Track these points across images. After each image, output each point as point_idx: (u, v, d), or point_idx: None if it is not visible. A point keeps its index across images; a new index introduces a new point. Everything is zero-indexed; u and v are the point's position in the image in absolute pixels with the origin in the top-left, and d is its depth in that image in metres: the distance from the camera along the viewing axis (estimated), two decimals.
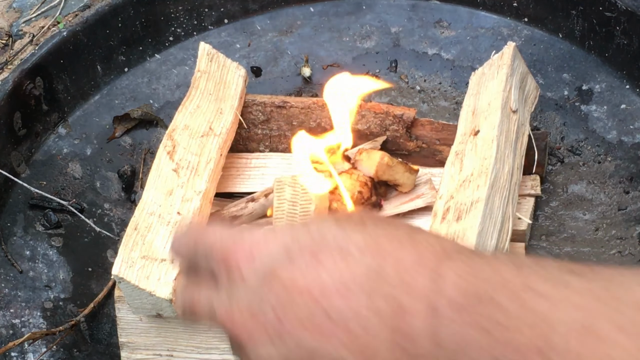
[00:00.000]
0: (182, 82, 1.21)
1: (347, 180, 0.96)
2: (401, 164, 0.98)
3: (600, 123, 1.14)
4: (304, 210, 0.93)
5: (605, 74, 1.16)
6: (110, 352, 0.99)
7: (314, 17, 1.27)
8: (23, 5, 1.22)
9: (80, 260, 1.07)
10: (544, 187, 1.07)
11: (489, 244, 0.87)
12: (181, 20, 1.24)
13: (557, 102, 1.17)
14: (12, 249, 1.05)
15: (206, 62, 1.09)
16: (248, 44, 1.26)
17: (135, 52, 1.22)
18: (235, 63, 1.11)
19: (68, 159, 1.15)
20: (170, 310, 0.87)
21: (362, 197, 0.96)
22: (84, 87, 1.19)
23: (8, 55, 1.14)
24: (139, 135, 1.19)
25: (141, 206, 0.93)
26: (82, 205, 1.11)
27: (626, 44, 1.14)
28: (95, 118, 1.19)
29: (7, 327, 0.99)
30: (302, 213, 0.93)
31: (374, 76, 1.23)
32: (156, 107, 1.20)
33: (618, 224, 1.05)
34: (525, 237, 1.01)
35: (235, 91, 1.08)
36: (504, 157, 0.94)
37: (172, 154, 0.98)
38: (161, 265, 0.88)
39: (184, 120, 1.02)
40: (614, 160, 1.11)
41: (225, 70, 1.10)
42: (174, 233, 0.62)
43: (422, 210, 1.00)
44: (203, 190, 0.96)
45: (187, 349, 0.93)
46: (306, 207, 0.93)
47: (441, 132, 1.06)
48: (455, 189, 0.93)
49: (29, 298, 1.02)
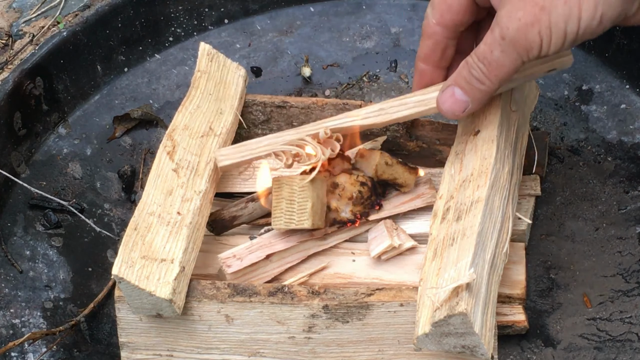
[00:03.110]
0: (182, 82, 1.21)
1: (346, 180, 0.96)
2: (400, 164, 0.98)
3: (600, 123, 1.14)
4: (301, 208, 0.93)
5: (605, 74, 1.16)
6: (110, 352, 0.99)
7: (314, 17, 1.27)
8: (23, 5, 1.22)
9: (80, 260, 1.07)
10: (544, 187, 1.07)
11: (489, 243, 0.87)
12: (181, 20, 1.24)
13: (557, 102, 1.17)
14: (12, 249, 1.05)
15: (206, 62, 1.09)
16: (248, 44, 1.26)
17: (135, 52, 1.22)
18: (235, 63, 1.11)
19: (68, 159, 1.15)
20: (170, 310, 0.87)
21: (361, 197, 0.97)
22: (84, 87, 1.19)
23: (8, 55, 1.14)
24: (139, 135, 1.19)
25: (141, 206, 0.93)
26: (82, 206, 1.11)
27: (626, 44, 1.14)
28: (95, 118, 1.19)
29: (7, 327, 0.99)
30: (299, 210, 0.93)
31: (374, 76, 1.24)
32: (156, 107, 1.20)
33: (618, 224, 1.05)
34: (525, 237, 1.01)
35: (235, 91, 1.08)
36: (504, 157, 0.94)
37: (172, 154, 0.99)
38: (161, 265, 0.88)
39: (183, 120, 1.03)
40: (614, 160, 1.11)
41: (225, 70, 1.10)
42: None
43: (422, 210, 1.00)
44: (203, 190, 0.96)
45: (187, 349, 0.93)
46: (303, 205, 0.93)
47: (441, 132, 1.06)
48: (455, 189, 0.93)
49: (29, 298, 1.02)
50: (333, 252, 0.99)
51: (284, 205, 0.94)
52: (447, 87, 0.89)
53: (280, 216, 0.94)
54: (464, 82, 0.88)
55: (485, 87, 0.87)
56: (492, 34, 0.83)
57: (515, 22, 0.80)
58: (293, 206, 0.93)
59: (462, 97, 0.88)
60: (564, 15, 0.79)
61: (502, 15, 0.81)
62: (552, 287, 1.01)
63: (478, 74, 0.86)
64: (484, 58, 0.84)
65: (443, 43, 0.92)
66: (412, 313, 0.87)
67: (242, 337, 0.91)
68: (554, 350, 0.95)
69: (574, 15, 0.79)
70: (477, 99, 0.88)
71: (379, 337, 0.90)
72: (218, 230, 1.01)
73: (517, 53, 0.82)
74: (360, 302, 0.88)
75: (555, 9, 0.78)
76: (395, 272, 0.96)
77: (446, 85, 0.90)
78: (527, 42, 0.81)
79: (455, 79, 0.89)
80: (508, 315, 0.95)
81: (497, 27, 0.82)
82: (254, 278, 0.96)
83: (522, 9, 0.80)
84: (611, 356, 0.93)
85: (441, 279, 0.83)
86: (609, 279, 1.00)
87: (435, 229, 0.91)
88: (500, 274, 0.89)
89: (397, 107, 0.94)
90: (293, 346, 0.91)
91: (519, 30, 0.80)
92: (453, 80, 0.89)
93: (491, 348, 0.82)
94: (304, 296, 0.89)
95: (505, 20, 0.81)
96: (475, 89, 0.87)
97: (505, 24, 0.81)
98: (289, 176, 0.95)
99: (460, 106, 0.89)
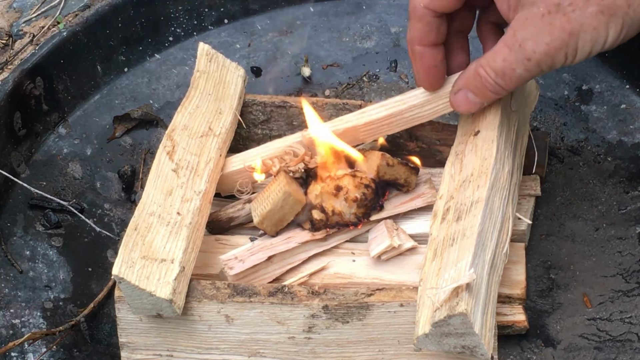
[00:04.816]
0: (182, 82, 1.21)
1: (349, 182, 0.96)
2: (402, 164, 0.98)
3: (600, 123, 1.14)
4: (264, 204, 0.96)
5: (605, 74, 1.16)
6: (110, 352, 0.99)
7: (314, 17, 1.27)
8: (23, 5, 1.22)
9: (80, 260, 1.07)
10: (544, 187, 1.07)
11: (489, 244, 0.87)
12: (181, 20, 1.24)
13: (557, 102, 1.17)
14: (12, 249, 1.05)
15: (205, 62, 1.09)
16: (248, 44, 1.26)
17: (135, 52, 1.22)
18: (234, 63, 1.11)
19: (68, 159, 1.15)
20: (171, 310, 0.87)
21: (365, 199, 0.97)
22: (84, 87, 1.19)
23: (8, 55, 1.14)
24: (139, 135, 1.19)
25: (141, 206, 0.93)
26: (82, 206, 1.11)
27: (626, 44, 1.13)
28: (95, 118, 1.19)
29: (7, 327, 0.99)
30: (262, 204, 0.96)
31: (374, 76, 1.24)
32: (156, 107, 1.20)
33: (618, 224, 1.05)
34: (525, 237, 1.01)
35: (235, 91, 1.08)
36: (504, 157, 0.94)
37: (171, 154, 0.99)
38: (161, 265, 0.88)
39: (183, 120, 1.03)
40: (614, 160, 1.11)
41: (224, 70, 1.10)
42: None
43: (422, 210, 1.00)
44: (203, 190, 0.96)
45: (187, 349, 0.93)
46: (266, 203, 0.96)
47: (441, 132, 1.06)
48: (455, 189, 0.93)
49: (29, 298, 1.02)
50: (333, 252, 0.99)
51: (264, 195, 0.97)
52: (460, 91, 0.92)
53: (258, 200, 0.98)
54: (478, 90, 0.91)
55: (500, 95, 0.91)
56: (514, 53, 0.84)
57: (542, 47, 0.82)
58: (265, 198, 0.97)
59: (476, 99, 0.92)
60: (592, 40, 0.81)
61: (526, 37, 0.82)
62: (552, 287, 1.01)
63: (495, 88, 0.89)
64: (503, 75, 0.86)
65: (435, 23, 0.93)
66: (412, 313, 0.87)
67: (242, 337, 0.91)
68: (554, 350, 0.95)
69: (602, 39, 0.81)
70: (491, 99, 0.92)
71: (379, 337, 0.90)
72: (215, 232, 1.01)
73: (540, 69, 0.84)
74: (360, 303, 0.88)
75: (584, 34, 0.80)
76: (395, 272, 0.96)
77: (458, 88, 0.92)
78: (553, 62, 0.83)
79: (467, 84, 0.91)
80: (508, 315, 0.95)
81: (520, 49, 0.83)
82: (255, 279, 0.96)
83: (550, 34, 0.81)
84: (611, 356, 0.93)
85: (441, 279, 0.83)
86: (609, 279, 1.00)
87: (435, 229, 0.91)
88: (500, 274, 0.89)
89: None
90: (293, 346, 0.91)
91: (546, 54, 0.82)
92: (464, 84, 0.92)
93: (491, 348, 0.82)
94: (304, 296, 0.89)
95: (532, 44, 0.82)
96: (490, 97, 0.91)
97: (532, 48, 0.82)
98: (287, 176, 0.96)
99: (475, 107, 0.93)
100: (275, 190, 0.95)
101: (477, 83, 0.90)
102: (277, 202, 0.95)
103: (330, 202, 0.96)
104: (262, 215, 0.96)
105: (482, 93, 0.90)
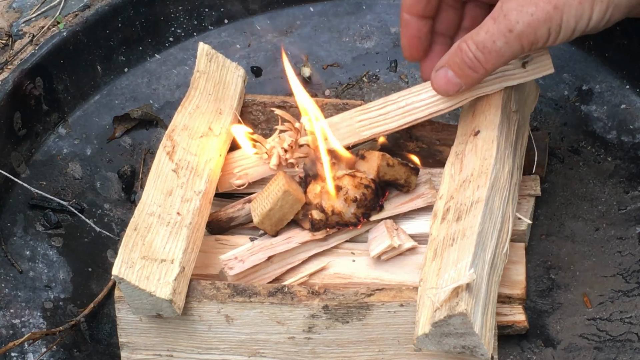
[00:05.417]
0: (182, 82, 1.21)
1: (349, 182, 0.96)
2: (402, 164, 0.98)
3: (600, 123, 1.14)
4: (263, 203, 0.96)
5: (605, 74, 1.16)
6: (110, 352, 0.99)
7: (314, 17, 1.27)
8: (23, 5, 1.22)
9: (80, 260, 1.07)
10: (544, 187, 1.07)
11: (489, 244, 0.87)
12: (181, 20, 1.24)
13: (557, 102, 1.17)
14: (12, 249, 1.05)
15: (205, 63, 1.09)
16: (248, 44, 1.26)
17: (135, 52, 1.22)
18: (234, 63, 1.11)
19: (68, 159, 1.15)
20: (171, 310, 0.87)
21: (365, 199, 0.97)
22: (84, 87, 1.19)
23: (8, 55, 1.14)
24: (139, 135, 1.19)
25: (141, 206, 0.93)
26: (82, 206, 1.11)
27: (626, 44, 1.14)
28: (95, 118, 1.19)
29: (7, 327, 0.99)
30: (262, 203, 0.96)
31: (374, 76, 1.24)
32: (156, 107, 1.20)
33: (618, 224, 1.05)
34: (525, 237, 1.01)
35: (235, 91, 1.08)
36: (504, 157, 0.94)
37: (171, 154, 0.99)
38: (161, 265, 0.88)
39: (183, 120, 1.03)
40: (614, 160, 1.11)
41: (224, 70, 1.10)
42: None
43: (422, 210, 1.00)
44: (203, 190, 0.96)
45: (187, 349, 0.93)
46: (266, 202, 0.96)
47: (441, 133, 1.06)
48: (455, 189, 0.93)
49: (29, 298, 1.02)
50: (333, 252, 0.99)
51: (264, 195, 0.97)
52: (441, 68, 0.92)
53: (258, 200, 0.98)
54: (457, 67, 0.90)
55: (478, 74, 0.89)
56: (497, 24, 0.84)
57: (526, 17, 0.81)
58: (265, 197, 0.97)
59: (455, 79, 0.91)
60: (576, 16, 0.81)
61: (511, 8, 0.82)
62: (552, 287, 1.01)
63: (473, 63, 0.88)
64: (483, 47, 0.86)
65: None
66: (412, 313, 0.87)
67: (242, 337, 0.91)
68: (554, 350, 0.95)
69: (586, 15, 0.81)
70: (469, 82, 0.91)
71: (379, 337, 0.90)
72: (215, 232, 1.01)
73: (521, 45, 0.84)
74: (360, 303, 0.88)
75: (569, 8, 0.80)
76: (395, 272, 0.96)
77: (440, 66, 0.92)
78: (535, 37, 0.83)
79: (448, 61, 0.91)
80: (508, 315, 0.95)
81: (504, 20, 0.83)
82: (255, 279, 0.96)
83: (535, 4, 0.81)
84: (611, 356, 0.93)
85: (441, 279, 0.83)
86: (609, 279, 1.00)
87: (435, 229, 0.91)
88: (500, 274, 0.89)
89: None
90: (293, 346, 0.91)
91: (529, 26, 0.82)
92: (446, 61, 0.91)
93: (491, 348, 0.82)
94: (304, 296, 0.89)
95: (515, 14, 0.82)
96: (468, 75, 0.90)
97: (515, 18, 0.82)
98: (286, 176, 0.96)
99: (453, 87, 0.92)
100: (274, 190, 0.95)
101: (457, 58, 0.89)
102: (277, 201, 0.95)
103: (330, 202, 0.96)
104: (262, 215, 0.96)
105: (461, 70, 0.90)
